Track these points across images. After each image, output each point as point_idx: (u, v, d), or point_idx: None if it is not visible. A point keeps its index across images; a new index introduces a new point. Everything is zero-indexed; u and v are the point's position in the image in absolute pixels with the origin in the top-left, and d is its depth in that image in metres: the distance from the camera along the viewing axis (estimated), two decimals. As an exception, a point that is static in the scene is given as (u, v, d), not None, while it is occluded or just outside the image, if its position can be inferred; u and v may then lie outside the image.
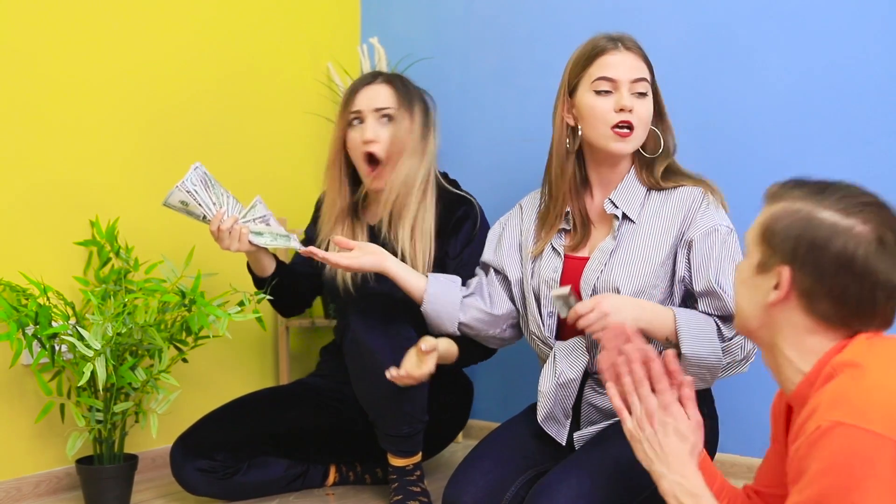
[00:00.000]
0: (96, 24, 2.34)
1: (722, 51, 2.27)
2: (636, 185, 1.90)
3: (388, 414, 2.02)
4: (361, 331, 2.00)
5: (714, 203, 1.84)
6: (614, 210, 1.87)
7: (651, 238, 1.84)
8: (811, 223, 1.24)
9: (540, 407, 1.88)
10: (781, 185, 1.32)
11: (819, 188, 1.28)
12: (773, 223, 1.28)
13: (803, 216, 1.25)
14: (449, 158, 2.75)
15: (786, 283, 1.26)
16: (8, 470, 2.20)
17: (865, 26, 2.07)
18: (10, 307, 2.00)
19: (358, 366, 2.03)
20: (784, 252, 1.26)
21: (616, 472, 1.70)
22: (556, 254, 1.93)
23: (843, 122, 2.10)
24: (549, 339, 1.91)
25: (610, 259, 1.85)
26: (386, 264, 2.01)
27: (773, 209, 1.29)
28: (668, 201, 1.87)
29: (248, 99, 2.69)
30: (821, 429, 1.16)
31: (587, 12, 2.49)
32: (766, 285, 1.29)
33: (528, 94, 2.61)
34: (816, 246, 1.24)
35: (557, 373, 1.86)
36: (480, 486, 1.80)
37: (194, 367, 2.48)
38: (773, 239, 1.28)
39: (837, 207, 1.24)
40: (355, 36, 2.98)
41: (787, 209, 1.27)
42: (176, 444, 2.16)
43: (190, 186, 2.06)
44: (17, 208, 2.21)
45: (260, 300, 2.18)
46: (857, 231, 1.22)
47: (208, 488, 2.15)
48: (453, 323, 2.03)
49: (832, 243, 1.22)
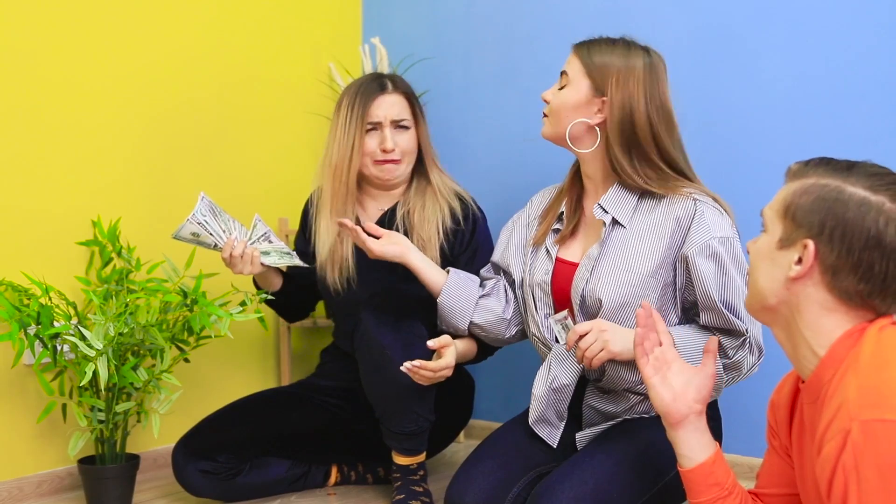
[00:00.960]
0: (99, 24, 2.34)
1: (723, 51, 2.27)
2: (625, 191, 1.86)
3: (395, 411, 2.02)
4: (373, 326, 2.01)
5: (710, 209, 1.79)
6: (603, 215, 1.85)
7: (640, 245, 1.81)
8: (840, 198, 1.24)
9: (532, 409, 1.88)
10: (805, 163, 1.31)
11: (846, 165, 1.28)
12: (797, 198, 1.27)
13: (831, 191, 1.25)
14: (449, 158, 2.75)
15: (810, 256, 1.25)
16: (10, 470, 2.20)
17: (866, 27, 2.07)
18: (12, 307, 2.00)
19: (368, 361, 2.04)
20: (810, 226, 1.26)
21: (619, 472, 1.70)
22: (549, 256, 1.93)
23: (845, 123, 2.10)
24: (548, 341, 1.91)
25: (596, 266, 1.84)
26: (409, 256, 2.05)
27: (798, 185, 1.29)
28: (658, 207, 1.82)
29: (249, 99, 2.69)
30: (844, 430, 1.14)
31: (588, 12, 2.48)
32: (787, 260, 1.28)
33: (529, 94, 2.60)
34: (846, 221, 1.24)
35: (551, 377, 1.85)
36: (483, 486, 1.80)
37: (196, 367, 2.48)
38: (797, 213, 1.27)
39: (866, 185, 1.24)
40: (357, 36, 2.98)
41: (814, 185, 1.27)
42: (178, 446, 2.16)
43: (200, 218, 2.08)
44: (19, 208, 2.21)
45: (262, 300, 2.19)
46: (888, 208, 1.22)
47: (210, 490, 2.15)
48: (465, 321, 2.04)
49: (863, 219, 1.22)
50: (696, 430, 1.49)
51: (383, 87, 2.19)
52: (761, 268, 1.32)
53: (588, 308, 1.84)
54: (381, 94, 2.17)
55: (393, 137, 2.17)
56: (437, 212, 2.19)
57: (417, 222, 2.17)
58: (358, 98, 2.17)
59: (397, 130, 2.18)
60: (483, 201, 2.28)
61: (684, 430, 1.49)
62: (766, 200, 1.36)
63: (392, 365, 1.95)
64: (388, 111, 2.16)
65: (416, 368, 1.91)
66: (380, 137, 2.16)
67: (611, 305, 1.79)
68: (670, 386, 1.51)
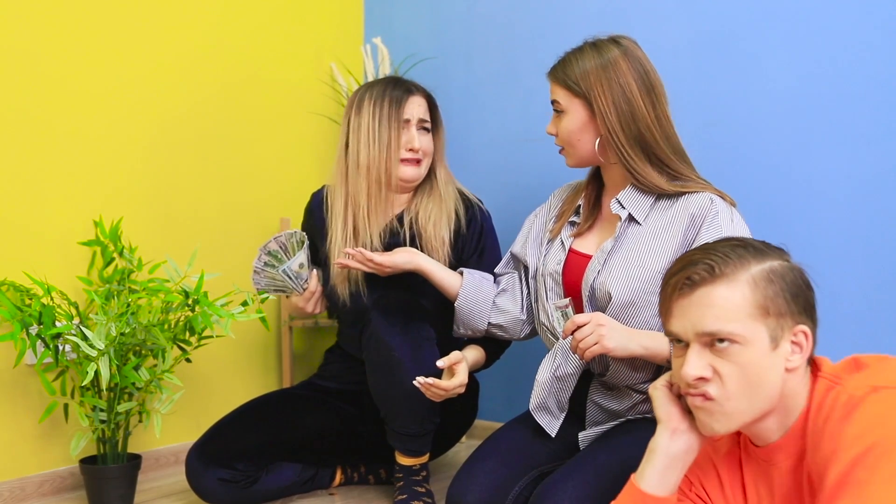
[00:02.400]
0: (101, 25, 2.34)
1: (725, 51, 2.27)
2: (642, 190, 1.86)
3: (400, 412, 2.02)
4: (381, 327, 2.01)
5: (724, 210, 1.79)
6: (620, 210, 1.86)
7: (654, 243, 1.81)
8: (795, 272, 1.26)
9: (533, 396, 1.88)
10: (707, 268, 1.25)
11: (750, 249, 1.27)
12: (764, 294, 1.23)
13: (786, 270, 1.26)
14: (452, 158, 2.75)
15: (809, 339, 1.25)
16: (12, 469, 2.20)
17: (868, 28, 2.07)
18: (14, 307, 2.00)
19: (375, 362, 2.03)
20: (792, 312, 1.24)
21: (621, 472, 1.68)
22: (563, 247, 1.94)
23: (846, 123, 2.10)
24: (556, 331, 1.90)
25: (608, 260, 1.84)
26: (418, 261, 2.07)
27: (743, 286, 1.23)
28: (674, 206, 1.83)
29: (252, 99, 2.69)
30: (854, 398, 1.15)
31: (590, 12, 2.48)
32: (780, 356, 1.24)
33: (532, 94, 2.60)
34: (809, 288, 1.26)
35: (556, 365, 1.86)
36: (485, 485, 1.80)
37: (198, 366, 2.48)
38: (773, 306, 1.23)
39: (779, 254, 1.28)
40: (358, 36, 2.98)
41: (764, 272, 1.24)
42: (193, 453, 2.12)
43: (296, 266, 2.14)
44: (21, 208, 2.21)
45: (263, 300, 2.18)
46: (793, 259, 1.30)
47: (229, 498, 2.12)
48: (483, 321, 2.06)
49: (806, 281, 1.27)
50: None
51: (410, 88, 2.20)
52: (757, 382, 1.24)
53: (597, 301, 1.84)
54: (412, 95, 2.19)
55: (420, 139, 2.18)
56: (443, 216, 2.19)
57: (424, 227, 2.17)
58: (387, 97, 2.17)
59: (421, 132, 2.19)
60: (485, 200, 2.28)
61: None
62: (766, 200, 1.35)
63: (400, 367, 1.95)
64: (416, 111, 2.18)
65: (429, 386, 1.91)
66: (408, 136, 2.17)
67: (619, 300, 1.79)
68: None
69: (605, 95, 1.82)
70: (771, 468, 1.32)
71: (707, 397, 1.25)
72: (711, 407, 1.25)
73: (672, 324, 1.28)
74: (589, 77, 1.83)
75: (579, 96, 1.85)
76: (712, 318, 1.22)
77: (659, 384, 1.40)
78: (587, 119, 1.85)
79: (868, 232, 2.05)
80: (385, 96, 2.17)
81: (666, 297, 1.29)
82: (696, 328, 1.24)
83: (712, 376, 1.24)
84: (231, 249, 2.61)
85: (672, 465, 1.34)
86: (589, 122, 1.85)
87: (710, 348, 1.24)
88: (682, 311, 1.26)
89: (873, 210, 2.05)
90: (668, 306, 1.29)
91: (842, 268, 2.07)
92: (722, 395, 1.24)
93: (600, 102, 1.82)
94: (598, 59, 1.84)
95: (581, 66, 1.84)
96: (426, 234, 2.16)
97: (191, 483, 2.11)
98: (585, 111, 1.85)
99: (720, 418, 1.25)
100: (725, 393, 1.24)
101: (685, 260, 1.28)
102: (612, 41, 1.86)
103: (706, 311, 1.23)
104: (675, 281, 1.27)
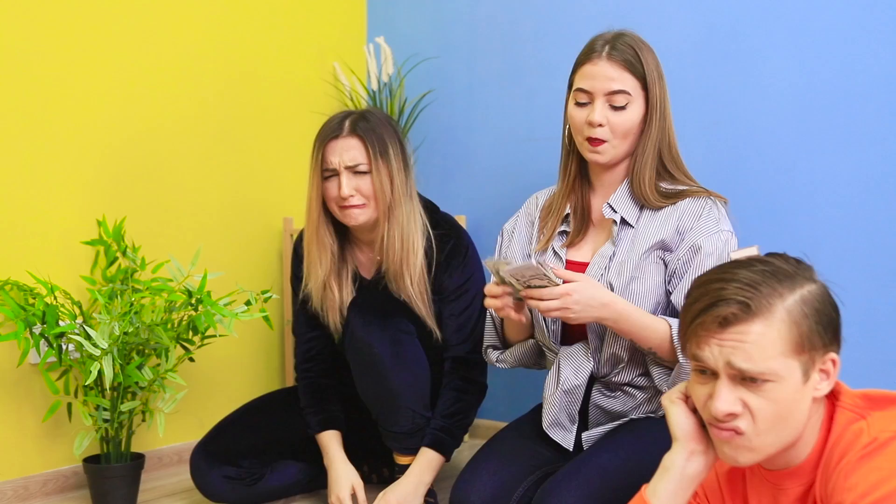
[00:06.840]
0: (103, 24, 2.34)
1: (728, 51, 2.26)
2: (632, 192, 1.84)
3: (388, 410, 2.02)
4: (359, 327, 2.01)
5: (717, 211, 1.78)
6: (613, 214, 1.84)
7: (648, 244, 1.80)
8: (824, 296, 1.22)
9: (545, 414, 1.86)
10: (741, 307, 1.19)
11: (780, 275, 1.22)
12: (799, 331, 1.19)
13: (817, 298, 1.21)
14: (454, 158, 2.76)
15: (837, 364, 1.23)
16: (15, 468, 2.21)
17: (871, 28, 2.07)
18: (18, 306, 2.00)
19: (358, 362, 2.03)
20: (824, 342, 1.21)
21: (625, 472, 1.69)
22: (558, 258, 1.91)
23: (851, 122, 2.09)
24: (553, 345, 1.90)
25: (610, 264, 1.82)
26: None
27: (780, 319, 1.19)
28: (663, 209, 1.81)
29: (254, 99, 2.69)
30: (878, 441, 1.13)
31: (593, 12, 2.48)
32: (810, 387, 1.22)
33: (534, 94, 2.60)
34: (836, 311, 1.23)
35: (562, 379, 1.84)
36: (488, 485, 1.80)
37: (201, 366, 2.48)
38: (808, 340, 1.19)
39: (808, 275, 1.24)
40: (361, 36, 2.98)
41: (797, 304, 1.20)
42: (198, 451, 2.11)
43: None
44: (24, 208, 2.21)
45: (266, 299, 2.18)
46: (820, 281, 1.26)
47: (234, 496, 2.11)
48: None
49: (835, 306, 1.24)
50: None
51: (337, 131, 2.06)
52: (795, 412, 1.21)
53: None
54: (335, 140, 2.05)
55: (350, 183, 2.03)
56: (414, 262, 2.05)
57: (396, 278, 2.06)
58: (316, 143, 2.08)
59: (356, 175, 2.04)
60: (487, 201, 2.27)
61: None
62: (768, 200, 1.34)
63: (380, 362, 1.94)
64: (341, 157, 2.04)
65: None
66: (337, 183, 2.05)
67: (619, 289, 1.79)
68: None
69: (662, 91, 1.82)
70: (779, 493, 1.30)
71: (738, 433, 1.22)
72: (739, 441, 1.22)
73: (700, 353, 1.23)
74: (654, 72, 1.81)
75: (646, 90, 1.82)
76: (745, 357, 1.18)
77: (674, 396, 1.36)
78: (644, 113, 1.83)
79: (872, 231, 2.05)
80: (315, 142, 2.08)
81: (694, 327, 1.24)
82: (728, 363, 1.20)
83: (742, 411, 1.21)
84: (234, 249, 2.62)
85: (686, 486, 1.33)
86: (644, 116, 1.83)
87: (741, 382, 1.21)
88: (713, 343, 1.21)
89: (878, 209, 2.04)
90: (697, 335, 1.23)
91: (846, 267, 2.07)
92: (752, 430, 1.21)
93: (657, 99, 1.81)
94: (654, 55, 1.82)
95: (647, 59, 1.81)
96: (399, 288, 2.06)
97: (195, 481, 2.11)
98: (645, 105, 1.82)
99: (745, 452, 1.23)
100: (756, 429, 1.20)
101: (714, 294, 1.21)
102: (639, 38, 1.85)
103: (739, 348, 1.19)
104: (706, 318, 1.21)
